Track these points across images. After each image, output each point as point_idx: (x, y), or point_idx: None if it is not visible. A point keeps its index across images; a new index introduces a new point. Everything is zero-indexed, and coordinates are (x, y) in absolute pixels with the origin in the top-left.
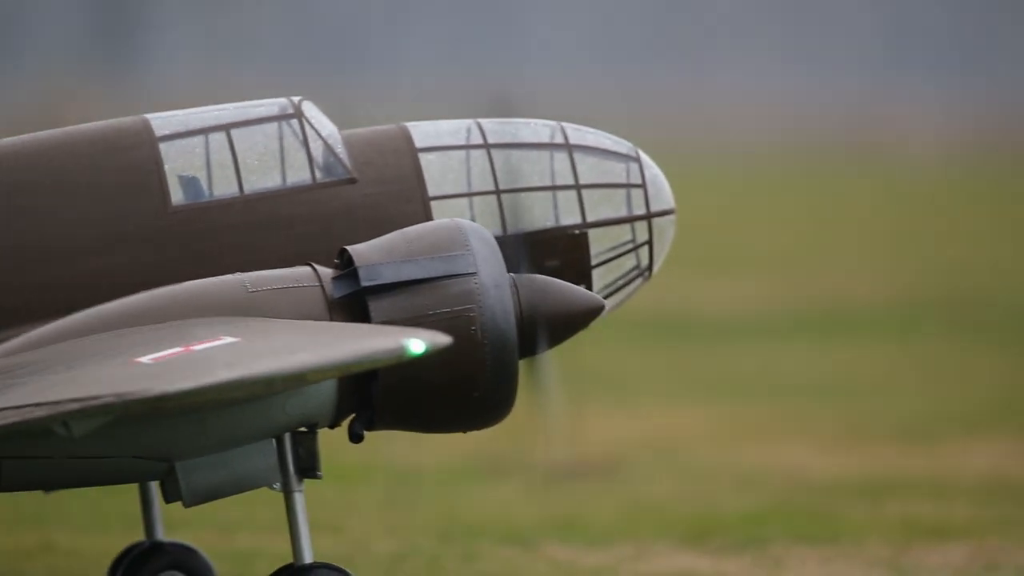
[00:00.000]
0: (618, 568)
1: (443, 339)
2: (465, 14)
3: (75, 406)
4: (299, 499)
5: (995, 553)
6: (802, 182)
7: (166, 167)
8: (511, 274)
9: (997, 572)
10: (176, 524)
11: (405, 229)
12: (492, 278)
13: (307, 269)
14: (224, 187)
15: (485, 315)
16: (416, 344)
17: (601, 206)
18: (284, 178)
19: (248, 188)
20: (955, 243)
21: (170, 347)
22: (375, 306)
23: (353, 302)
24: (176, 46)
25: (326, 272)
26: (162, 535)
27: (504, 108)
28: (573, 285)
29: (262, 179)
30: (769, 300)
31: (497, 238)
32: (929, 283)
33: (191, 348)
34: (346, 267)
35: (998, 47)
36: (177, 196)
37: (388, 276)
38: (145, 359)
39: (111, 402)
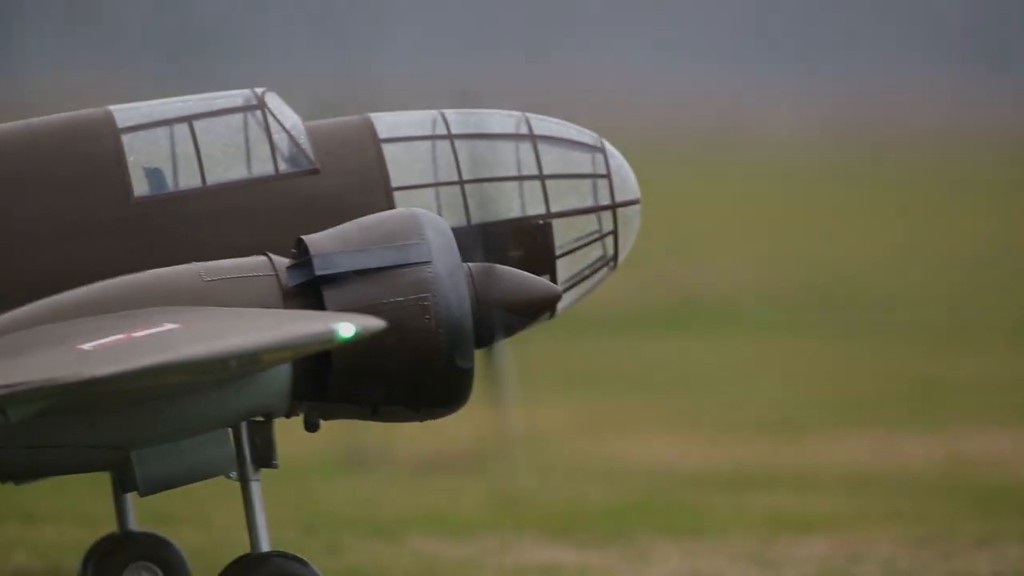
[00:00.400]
0: (483, 561)
1: (375, 323)
2: (325, 6)
3: (5, 391)
4: (256, 488)
5: (858, 545)
6: (667, 175)
7: (129, 159)
8: (467, 263)
9: (860, 564)
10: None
11: (361, 219)
12: (447, 267)
13: (263, 259)
14: (187, 178)
15: (439, 303)
16: (346, 328)
17: (566, 196)
18: (247, 169)
19: (211, 179)
20: (818, 236)
21: (113, 334)
22: (329, 295)
23: (308, 291)
24: (46, 47)
25: (282, 262)
26: (134, 526)
27: (468, 99)
28: (531, 275)
29: (225, 170)
30: (632, 293)
31: (460, 228)
32: (794, 276)
33: (132, 335)
34: (302, 256)
35: (858, 42)
36: (140, 187)
37: (342, 265)
38: (87, 346)
39: (40, 386)
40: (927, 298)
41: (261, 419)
